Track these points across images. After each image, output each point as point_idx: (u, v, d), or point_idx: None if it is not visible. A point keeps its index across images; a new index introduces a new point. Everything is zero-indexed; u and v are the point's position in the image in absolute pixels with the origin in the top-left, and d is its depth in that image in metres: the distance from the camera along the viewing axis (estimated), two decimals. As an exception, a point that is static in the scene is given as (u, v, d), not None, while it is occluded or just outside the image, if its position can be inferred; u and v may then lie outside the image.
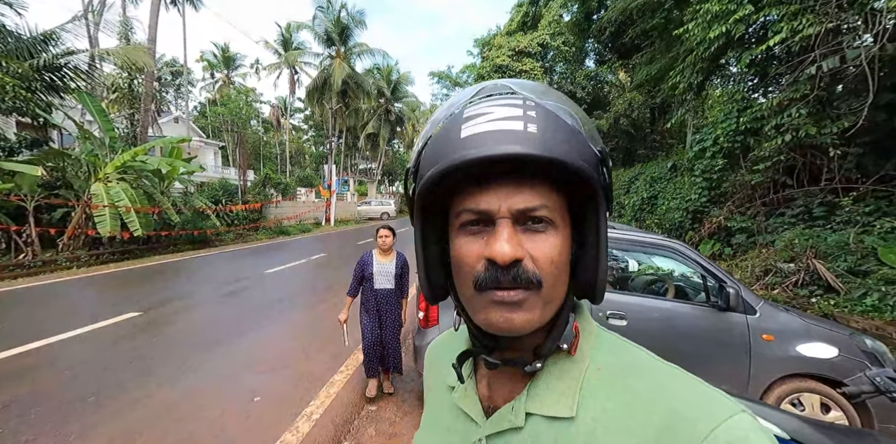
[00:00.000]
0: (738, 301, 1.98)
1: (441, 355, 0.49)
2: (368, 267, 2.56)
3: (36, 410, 2.38)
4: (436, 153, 0.33)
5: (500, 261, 0.30)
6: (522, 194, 0.32)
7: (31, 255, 7.28)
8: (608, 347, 0.38)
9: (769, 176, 6.28)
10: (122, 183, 8.46)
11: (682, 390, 0.32)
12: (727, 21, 6.37)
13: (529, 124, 0.31)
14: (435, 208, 0.36)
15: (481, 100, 0.35)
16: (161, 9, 12.20)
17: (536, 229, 0.32)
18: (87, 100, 8.50)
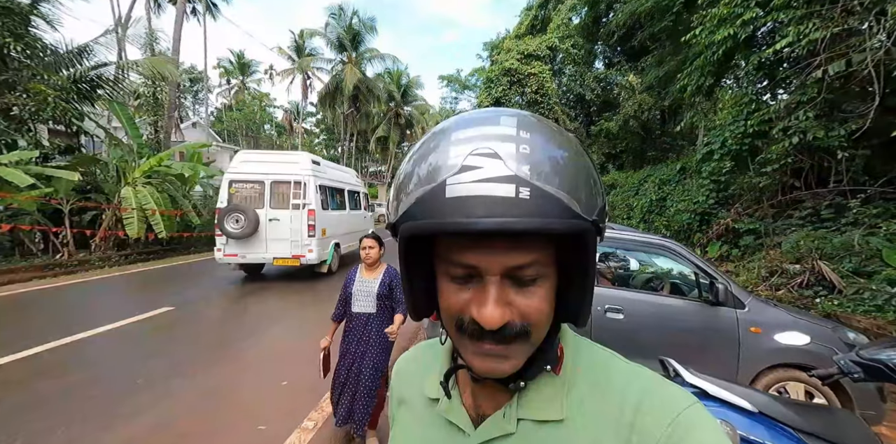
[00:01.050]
0: (728, 296, 2.15)
1: (415, 369, 0.49)
2: (350, 285, 2.14)
3: (94, 392, 2.68)
4: (420, 204, 0.31)
5: (487, 326, 0.30)
6: (515, 252, 0.31)
7: (67, 255, 7.77)
8: (584, 351, 0.40)
9: (777, 178, 6.33)
10: (148, 187, 8.93)
11: (649, 384, 0.35)
12: (734, 24, 6.47)
13: (522, 188, 0.29)
14: (420, 246, 0.35)
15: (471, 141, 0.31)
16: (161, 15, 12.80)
17: (526, 284, 0.32)
18: (118, 108, 9.02)
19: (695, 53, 7.97)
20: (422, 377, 0.46)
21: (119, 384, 2.78)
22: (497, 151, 0.30)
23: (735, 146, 6.80)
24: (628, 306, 2.28)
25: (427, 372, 0.46)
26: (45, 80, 7.23)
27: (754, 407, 1.36)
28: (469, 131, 0.32)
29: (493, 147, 0.30)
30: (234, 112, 37.66)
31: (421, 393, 0.45)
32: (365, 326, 2.10)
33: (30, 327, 3.84)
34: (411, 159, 0.34)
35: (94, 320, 4.05)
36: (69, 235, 8.02)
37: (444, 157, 0.31)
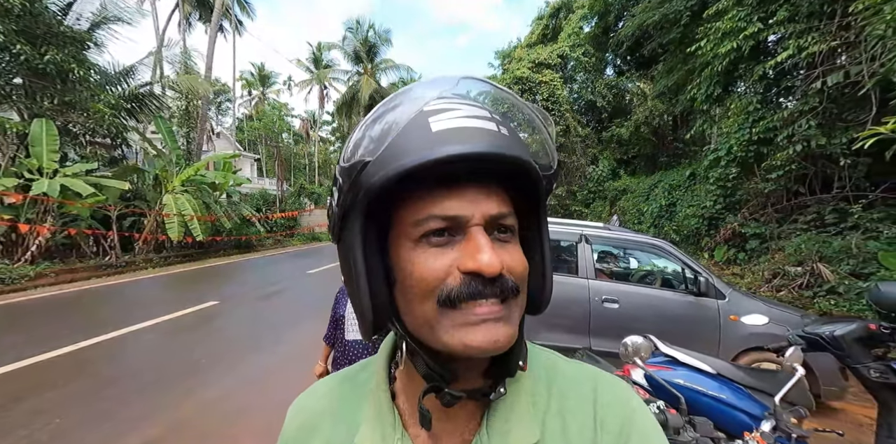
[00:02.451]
0: (710, 288, 2.49)
1: (331, 412, 0.38)
2: (341, 306, 1.75)
3: (165, 370, 3.18)
4: (399, 149, 0.27)
5: (488, 273, 0.27)
6: (492, 200, 0.29)
7: (115, 257, 8.52)
8: (530, 351, 0.37)
9: (782, 184, 6.53)
10: (185, 194, 9.69)
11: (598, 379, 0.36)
12: (737, 37, 6.77)
13: (501, 127, 0.29)
14: (375, 217, 0.30)
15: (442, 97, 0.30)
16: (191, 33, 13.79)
17: (504, 239, 0.30)
18: (160, 122, 9.86)
19: (702, 63, 8.26)
20: (342, 425, 0.36)
21: (185, 364, 3.28)
22: (467, 99, 0.31)
23: (741, 153, 7.03)
24: (623, 297, 2.65)
25: (351, 421, 0.36)
26: (100, 99, 8.06)
27: (714, 370, 1.73)
28: (434, 84, 0.31)
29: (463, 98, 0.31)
30: (254, 122, 39.33)
31: None
32: (363, 356, 1.64)
33: (99, 318, 4.43)
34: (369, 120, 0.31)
35: (153, 312, 4.62)
36: (115, 238, 8.80)
37: (414, 105, 0.29)
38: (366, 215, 0.30)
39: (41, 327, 4.02)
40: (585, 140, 19.53)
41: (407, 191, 0.29)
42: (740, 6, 6.89)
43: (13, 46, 6.38)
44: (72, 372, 3.01)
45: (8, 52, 6.49)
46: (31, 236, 6.72)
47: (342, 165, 0.31)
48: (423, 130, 0.28)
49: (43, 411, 2.44)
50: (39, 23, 6.99)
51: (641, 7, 10.26)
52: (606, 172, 17.74)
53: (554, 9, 22.55)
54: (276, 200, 16.04)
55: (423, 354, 0.31)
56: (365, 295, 0.30)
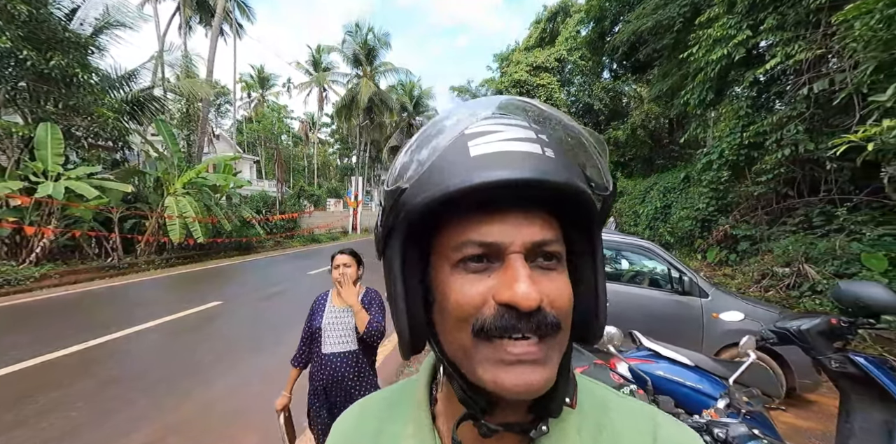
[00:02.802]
0: (693, 287, 2.63)
1: (371, 433, 0.38)
2: (317, 317, 1.62)
3: (173, 366, 3.30)
4: (438, 175, 0.27)
5: (523, 306, 0.25)
6: (534, 226, 0.28)
7: (117, 258, 8.61)
8: (580, 387, 0.35)
9: (771, 187, 6.71)
10: (187, 196, 9.80)
11: (655, 424, 0.33)
12: (728, 44, 6.96)
13: (546, 149, 0.27)
14: (416, 240, 0.30)
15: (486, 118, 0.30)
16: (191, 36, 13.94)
17: (548, 267, 0.28)
18: (161, 125, 9.97)
19: (695, 69, 8.46)
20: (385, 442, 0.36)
21: (188, 363, 3.40)
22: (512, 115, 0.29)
23: (732, 157, 7.20)
24: (613, 296, 2.77)
25: (391, 437, 0.36)
26: (104, 103, 8.18)
27: (692, 362, 1.88)
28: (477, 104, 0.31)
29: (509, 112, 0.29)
30: (253, 124, 39.46)
31: None
32: (342, 369, 1.53)
33: (104, 318, 4.53)
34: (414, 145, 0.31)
35: (157, 312, 4.73)
36: (118, 240, 8.89)
37: (455, 129, 0.29)
38: (407, 237, 0.30)
39: (47, 328, 4.13)
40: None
41: (448, 214, 0.28)
42: (731, 14, 7.09)
43: (19, 52, 6.50)
44: (77, 371, 3.12)
45: (14, 58, 6.60)
46: (36, 238, 6.82)
47: (386, 189, 0.31)
48: (461, 155, 0.27)
49: (49, 410, 2.55)
50: (45, 28, 7.11)
51: (636, 13, 10.46)
52: (603, 175, 17.96)
53: (552, 12, 22.83)
54: (276, 202, 16.14)
55: (459, 380, 0.30)
56: (402, 315, 0.30)
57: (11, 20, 6.54)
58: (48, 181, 6.69)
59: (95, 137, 8.53)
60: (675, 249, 9.12)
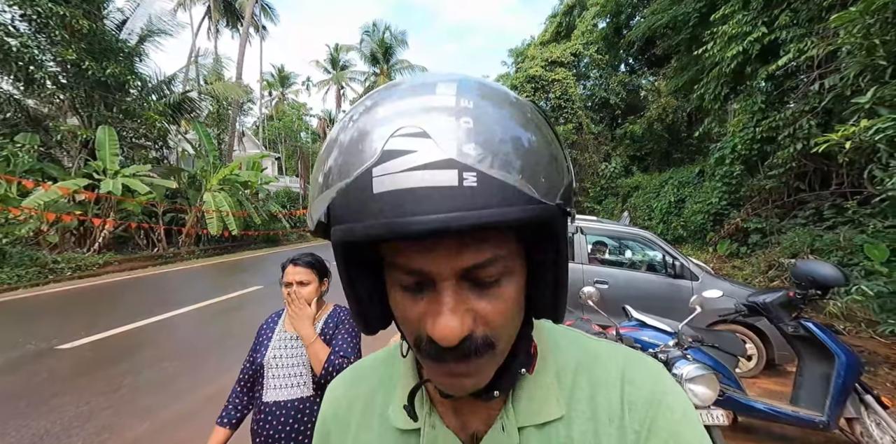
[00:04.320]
0: (685, 271, 2.98)
1: (365, 394, 0.40)
2: (261, 350, 1.20)
3: (229, 341, 3.88)
4: (344, 201, 0.25)
5: (443, 344, 0.25)
6: (469, 251, 0.25)
7: (162, 249, 9.47)
8: (551, 334, 0.38)
9: (783, 181, 6.83)
10: (222, 192, 10.59)
11: (626, 357, 0.36)
12: (744, 41, 7.06)
13: (466, 174, 0.23)
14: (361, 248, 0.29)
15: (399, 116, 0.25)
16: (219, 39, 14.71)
17: (487, 284, 0.27)
18: (199, 127, 10.76)
19: (710, 64, 8.52)
20: (378, 403, 0.38)
21: (247, 331, 3.98)
22: (428, 129, 0.24)
23: (745, 151, 7.33)
24: (612, 279, 3.16)
25: (386, 396, 0.38)
26: (150, 107, 8.97)
27: (671, 329, 2.27)
28: (398, 104, 0.26)
29: (424, 124, 0.24)
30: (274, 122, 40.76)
31: (380, 426, 0.37)
32: (291, 427, 1.11)
33: (167, 298, 5.23)
34: (333, 140, 0.27)
35: (210, 294, 5.40)
36: (161, 232, 9.76)
37: (367, 140, 0.25)
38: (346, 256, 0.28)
39: (125, 304, 4.85)
40: (598, 137, 19.64)
41: None
42: (746, 11, 7.16)
43: (83, 63, 7.26)
44: (161, 336, 3.77)
45: (78, 68, 7.38)
46: (98, 229, 7.66)
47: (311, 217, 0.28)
48: (364, 189, 0.23)
49: (150, 363, 3.15)
50: (101, 40, 7.88)
51: (651, 9, 10.50)
52: (619, 169, 17.89)
53: (568, 6, 22.60)
54: (299, 197, 16.95)
55: None
56: (354, 311, 0.32)
57: (73, 34, 7.31)
58: (108, 179, 7.49)
59: (142, 138, 9.36)
60: (688, 242, 9.28)
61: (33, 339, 3.52)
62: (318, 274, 1.24)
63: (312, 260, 1.23)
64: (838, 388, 1.82)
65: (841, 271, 1.96)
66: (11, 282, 5.50)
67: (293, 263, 1.22)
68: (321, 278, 1.24)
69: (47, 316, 4.42)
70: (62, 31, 7.15)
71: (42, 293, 5.36)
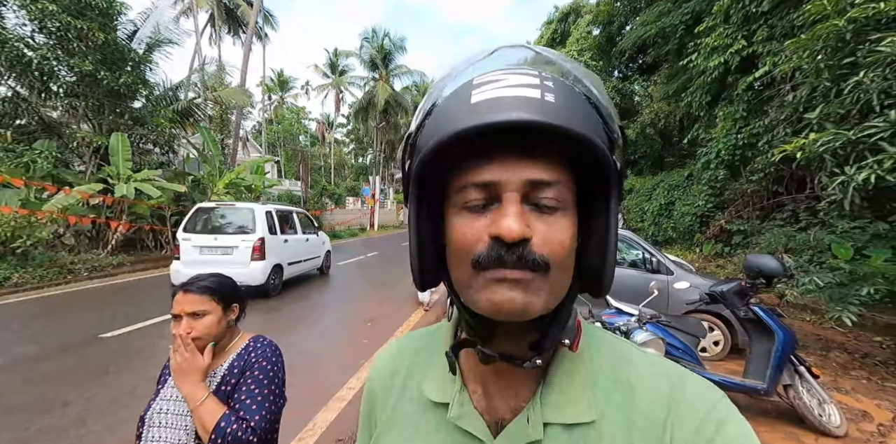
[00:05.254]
0: (661, 267, 3.36)
1: (405, 367, 0.43)
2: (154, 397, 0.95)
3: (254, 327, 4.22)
4: (441, 121, 0.30)
5: (506, 238, 0.27)
6: (534, 167, 0.29)
7: (170, 250, 9.76)
8: (599, 339, 0.38)
9: (763, 185, 7.26)
10: (228, 196, 10.90)
11: (676, 378, 0.33)
12: (725, 52, 7.52)
13: (547, 94, 0.28)
14: (431, 186, 0.33)
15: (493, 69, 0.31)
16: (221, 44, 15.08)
17: (546, 210, 0.29)
18: (205, 132, 11.09)
19: (696, 73, 8.98)
20: (417, 375, 0.41)
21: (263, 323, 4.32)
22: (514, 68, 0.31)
23: (728, 156, 7.76)
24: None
25: (424, 369, 0.41)
26: (159, 114, 9.31)
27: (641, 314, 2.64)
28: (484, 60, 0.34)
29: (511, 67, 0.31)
30: (273, 125, 41.11)
31: (417, 396, 0.39)
32: None
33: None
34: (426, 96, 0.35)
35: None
36: (169, 234, 10.05)
37: (460, 79, 0.32)
38: (421, 183, 0.32)
39: (147, 301, 5.15)
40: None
41: (456, 161, 0.30)
42: (727, 24, 7.62)
43: (98, 73, 7.61)
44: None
45: (94, 78, 7.73)
46: (111, 231, 7.97)
47: (407, 134, 0.34)
48: (462, 102, 0.29)
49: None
50: (115, 51, 8.23)
51: (640, 20, 10.99)
52: (613, 173, 18.34)
53: (563, 13, 23.19)
54: (301, 201, 17.26)
55: (465, 311, 0.32)
56: (414, 256, 0.33)
57: (90, 46, 7.66)
58: (121, 183, 7.81)
59: (152, 144, 9.68)
60: (678, 243, 9.69)
61: (76, 330, 3.89)
62: (222, 301, 0.93)
63: (212, 283, 0.93)
64: (777, 360, 2.19)
65: (781, 264, 2.34)
66: (35, 282, 5.81)
67: (184, 289, 0.91)
68: (227, 304, 0.95)
69: (82, 311, 4.77)
70: (80, 44, 7.50)
71: (67, 292, 5.67)
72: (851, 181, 2.67)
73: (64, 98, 8.01)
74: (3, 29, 6.91)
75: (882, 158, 2.53)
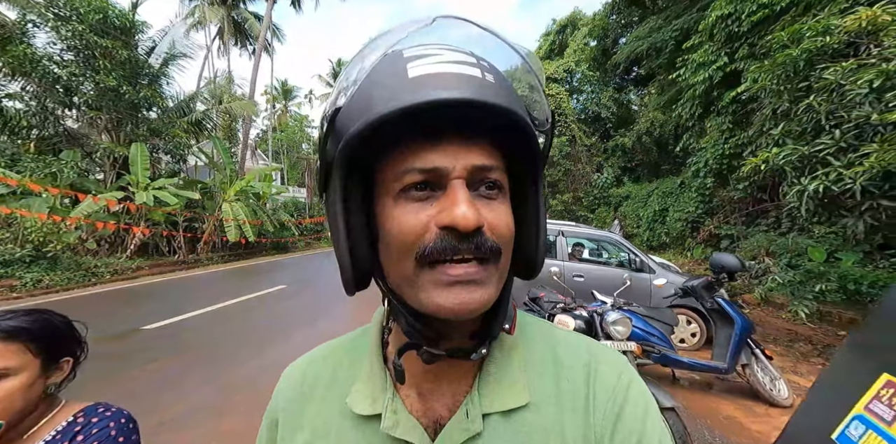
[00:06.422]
0: (644, 266, 3.74)
1: (323, 378, 0.39)
2: None
3: (247, 335, 4.57)
4: (375, 96, 0.27)
5: (462, 227, 0.26)
6: (476, 153, 0.28)
7: (183, 255, 10.15)
8: (526, 321, 0.39)
9: (749, 192, 7.67)
10: (238, 203, 11.33)
11: (592, 350, 0.37)
12: (710, 68, 8.02)
13: (486, 73, 0.27)
14: (358, 172, 0.30)
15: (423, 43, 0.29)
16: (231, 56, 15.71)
17: (490, 195, 0.29)
18: (217, 142, 11.58)
19: (685, 87, 9.48)
20: (337, 387, 0.37)
21: (282, 321, 4.68)
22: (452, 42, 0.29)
23: (716, 165, 8.19)
24: (587, 273, 3.92)
25: (345, 380, 0.37)
26: (175, 125, 9.81)
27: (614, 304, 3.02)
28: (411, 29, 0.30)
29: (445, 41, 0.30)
30: (277, 134, 41.87)
31: (339, 410, 0.35)
32: None
33: (208, 294, 5.93)
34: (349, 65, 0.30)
35: (241, 292, 6.11)
36: (182, 239, 10.45)
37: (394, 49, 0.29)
38: (348, 169, 0.28)
39: (171, 300, 5.54)
40: (591, 149, 20.59)
41: (388, 144, 0.28)
42: (711, 42, 8.13)
43: (121, 88, 8.11)
44: (216, 322, 4.45)
45: (116, 92, 8.23)
46: (129, 236, 8.37)
47: (325, 113, 0.30)
48: (398, 76, 0.27)
49: (213, 341, 3.86)
50: (135, 67, 8.75)
51: (633, 35, 11.55)
52: (611, 180, 18.79)
53: (561, 25, 23.98)
54: (306, 207, 17.72)
55: (405, 312, 0.30)
56: (345, 252, 0.30)
57: (113, 63, 8.18)
58: (140, 191, 8.24)
59: (164, 153, 10.16)
60: (671, 248, 10.07)
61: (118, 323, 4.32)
62: (42, 352, 0.63)
63: (25, 324, 0.62)
64: (735, 343, 2.57)
65: (739, 260, 2.73)
66: (63, 284, 6.19)
67: None
68: (51, 358, 0.65)
69: (119, 308, 5.24)
70: (104, 61, 8.01)
71: (95, 293, 6.05)
72: (805, 190, 3.07)
73: (87, 111, 8.49)
74: (36, 48, 7.43)
75: (829, 170, 2.93)
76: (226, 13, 18.75)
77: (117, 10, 8.28)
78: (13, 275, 5.86)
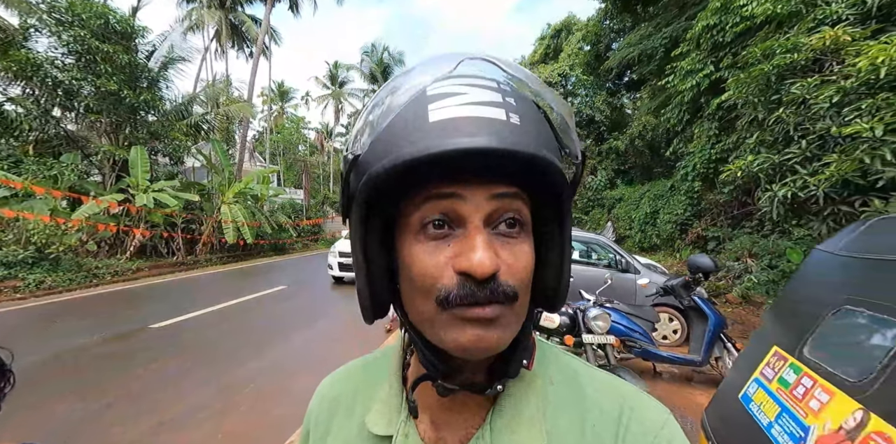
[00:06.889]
0: (630, 267, 3.97)
1: (348, 395, 0.41)
2: None
3: (246, 336, 4.72)
4: (394, 138, 0.27)
5: (478, 275, 0.26)
6: (496, 191, 0.28)
7: (182, 256, 10.23)
8: (550, 356, 0.37)
9: (734, 196, 7.96)
10: (237, 204, 11.44)
11: (627, 397, 0.34)
12: (697, 76, 8.31)
13: (511, 114, 0.27)
14: (379, 206, 0.30)
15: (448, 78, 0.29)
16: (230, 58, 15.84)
17: (510, 234, 0.29)
18: (216, 145, 11.69)
19: (673, 93, 9.78)
20: (360, 405, 0.39)
21: (281, 322, 4.83)
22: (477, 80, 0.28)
23: (703, 169, 8.48)
24: (576, 274, 4.13)
25: (367, 399, 0.39)
26: (175, 128, 9.92)
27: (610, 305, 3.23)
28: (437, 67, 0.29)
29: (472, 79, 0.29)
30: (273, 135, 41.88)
31: (358, 427, 0.37)
32: None
33: (209, 295, 6.06)
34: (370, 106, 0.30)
35: (242, 292, 6.24)
36: (180, 241, 10.54)
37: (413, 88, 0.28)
38: (368, 206, 0.29)
39: (173, 300, 5.66)
40: (585, 152, 20.84)
41: (407, 182, 0.28)
42: (698, 50, 8.43)
43: (122, 92, 8.23)
44: (218, 322, 4.60)
45: (117, 96, 8.34)
46: (129, 238, 8.46)
47: (345, 155, 0.30)
48: (420, 119, 0.27)
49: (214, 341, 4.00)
50: (135, 71, 8.87)
51: (625, 41, 11.87)
52: (604, 182, 19.10)
53: (555, 30, 24.37)
54: (303, 209, 17.82)
55: (422, 346, 0.31)
56: (364, 284, 0.31)
57: (114, 67, 8.29)
58: (140, 193, 8.35)
59: (166, 155, 10.27)
60: (662, 249, 10.34)
61: (125, 322, 4.46)
62: None
63: None
64: (709, 337, 2.79)
65: (713, 261, 2.95)
66: (65, 285, 6.29)
67: None
68: None
69: (122, 308, 5.35)
70: (106, 66, 8.13)
71: (97, 293, 6.16)
72: (776, 196, 3.31)
73: (87, 115, 8.59)
74: (37, 53, 7.53)
75: (796, 178, 3.17)
76: (223, 16, 18.87)
77: (118, 15, 8.40)
78: (16, 276, 5.95)
